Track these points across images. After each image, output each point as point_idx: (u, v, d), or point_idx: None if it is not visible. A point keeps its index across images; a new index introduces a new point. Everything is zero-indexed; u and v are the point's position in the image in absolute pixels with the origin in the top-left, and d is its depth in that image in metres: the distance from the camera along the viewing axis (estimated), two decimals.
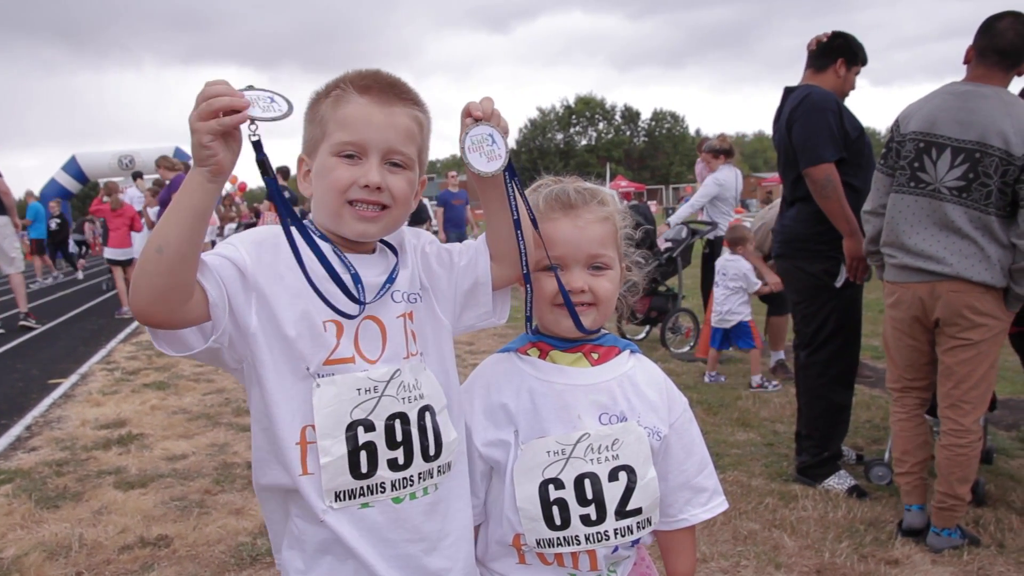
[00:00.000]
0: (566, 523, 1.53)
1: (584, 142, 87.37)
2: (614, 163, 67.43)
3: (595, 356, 1.63)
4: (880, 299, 9.85)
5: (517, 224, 1.52)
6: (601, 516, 1.53)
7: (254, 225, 19.60)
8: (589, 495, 1.53)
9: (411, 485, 1.47)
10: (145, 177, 16.91)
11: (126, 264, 12.05)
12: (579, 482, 1.53)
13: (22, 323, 10.65)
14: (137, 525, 3.81)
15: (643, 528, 1.58)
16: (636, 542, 1.60)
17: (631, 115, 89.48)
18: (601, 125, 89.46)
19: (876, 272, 3.77)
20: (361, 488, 1.43)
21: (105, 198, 12.36)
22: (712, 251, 8.35)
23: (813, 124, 4.08)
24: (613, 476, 1.54)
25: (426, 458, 1.48)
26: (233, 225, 20.01)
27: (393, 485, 1.45)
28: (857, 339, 4.32)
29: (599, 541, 1.54)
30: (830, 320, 4.22)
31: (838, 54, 4.31)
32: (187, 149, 10.21)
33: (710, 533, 3.62)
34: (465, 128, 1.45)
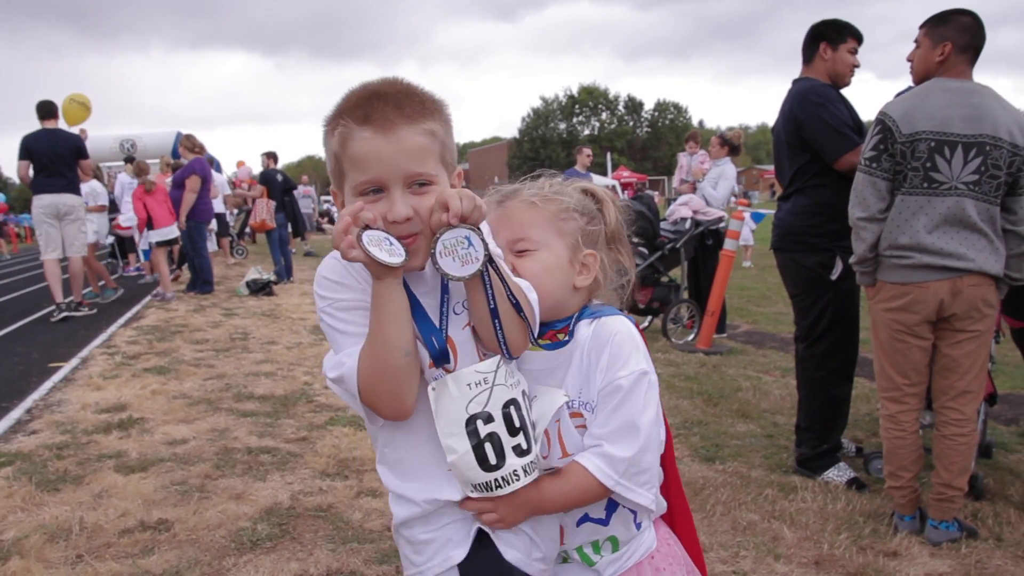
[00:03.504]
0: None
1: (587, 132, 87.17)
2: (616, 153, 67.25)
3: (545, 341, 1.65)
4: None
5: (494, 313, 1.47)
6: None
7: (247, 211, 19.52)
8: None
9: (535, 471, 1.54)
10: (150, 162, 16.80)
11: (172, 244, 12.09)
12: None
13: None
14: (137, 509, 3.81)
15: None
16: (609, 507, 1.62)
17: (634, 105, 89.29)
18: (604, 115, 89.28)
19: (864, 279, 3.66)
20: (496, 480, 1.49)
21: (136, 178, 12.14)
22: (716, 242, 8.35)
23: (822, 117, 4.08)
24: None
25: (535, 439, 1.55)
26: (235, 211, 19.98)
27: (524, 471, 1.50)
28: (855, 331, 4.32)
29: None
30: (827, 313, 4.22)
31: (818, 40, 4.31)
32: (187, 132, 10.13)
33: (709, 524, 3.63)
34: (438, 229, 1.40)
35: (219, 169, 19.03)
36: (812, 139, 4.15)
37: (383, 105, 1.44)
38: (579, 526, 1.64)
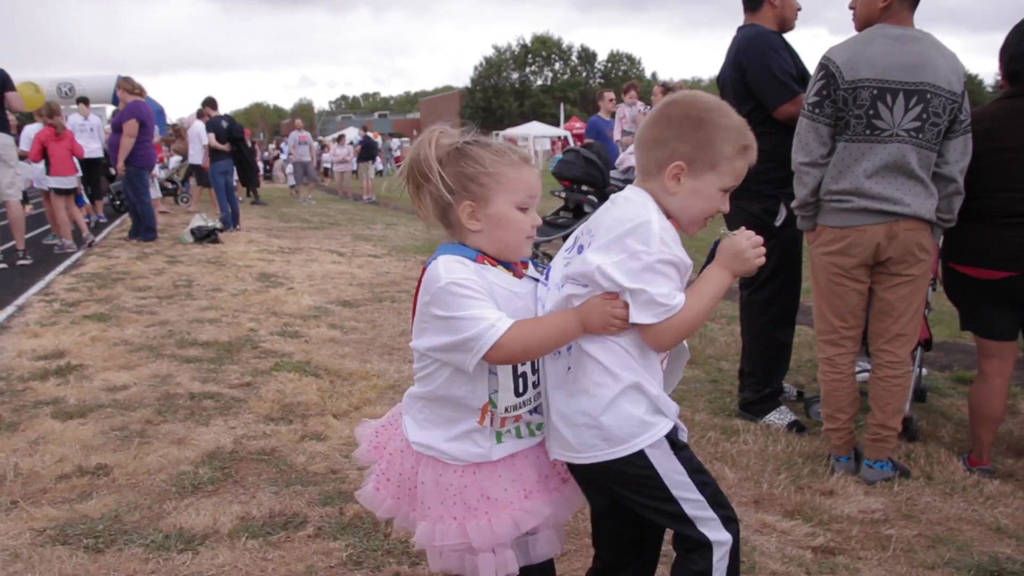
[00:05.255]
0: (525, 390, 1.95)
1: (540, 82, 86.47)
2: (569, 104, 66.91)
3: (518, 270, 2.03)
4: None
5: None
6: (538, 381, 2.00)
7: (199, 169, 18.99)
8: (536, 366, 1.99)
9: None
10: (92, 105, 16.17)
11: (70, 193, 11.33)
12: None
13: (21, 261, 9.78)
14: (75, 455, 3.74)
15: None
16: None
17: (588, 56, 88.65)
18: (557, 65, 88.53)
19: (804, 223, 3.69)
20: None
21: (43, 120, 11.20)
22: None
23: (766, 66, 4.07)
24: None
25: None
26: (178, 158, 19.41)
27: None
28: (798, 278, 4.38)
29: (538, 400, 2.00)
30: (770, 259, 4.21)
31: None
32: (128, 75, 9.77)
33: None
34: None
35: (163, 117, 18.46)
36: (755, 87, 4.14)
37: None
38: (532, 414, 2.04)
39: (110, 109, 20.12)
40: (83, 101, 14.99)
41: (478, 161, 1.89)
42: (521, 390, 1.93)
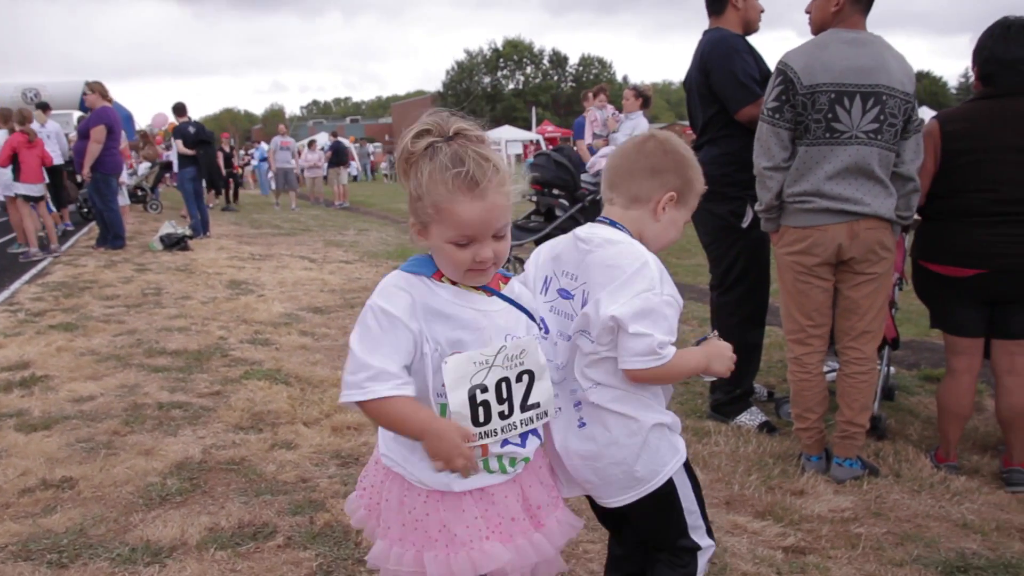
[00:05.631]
0: (488, 419, 1.79)
1: (511, 86, 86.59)
2: (541, 108, 67.06)
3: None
4: None
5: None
6: (511, 410, 1.82)
7: (169, 165, 18.85)
8: (504, 395, 1.81)
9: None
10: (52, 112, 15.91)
11: (37, 200, 11.23)
12: (498, 385, 1.79)
13: None
14: (39, 467, 3.67)
15: (540, 419, 1.88)
16: (526, 436, 1.86)
17: (559, 60, 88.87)
18: (529, 69, 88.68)
19: (768, 224, 3.73)
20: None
21: (16, 127, 11.07)
22: None
23: (729, 69, 4.11)
24: (519, 378, 1.82)
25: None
26: (148, 164, 19.21)
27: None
28: (766, 279, 4.41)
29: (509, 431, 1.82)
30: (739, 261, 4.30)
31: None
32: (94, 80, 9.57)
33: None
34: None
35: (132, 123, 18.25)
36: (718, 90, 4.19)
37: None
38: (503, 447, 1.85)
39: (76, 115, 19.85)
40: (42, 107, 14.76)
41: (418, 177, 1.68)
42: (482, 419, 1.78)
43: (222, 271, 9.77)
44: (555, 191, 8.40)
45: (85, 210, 15.82)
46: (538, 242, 8.40)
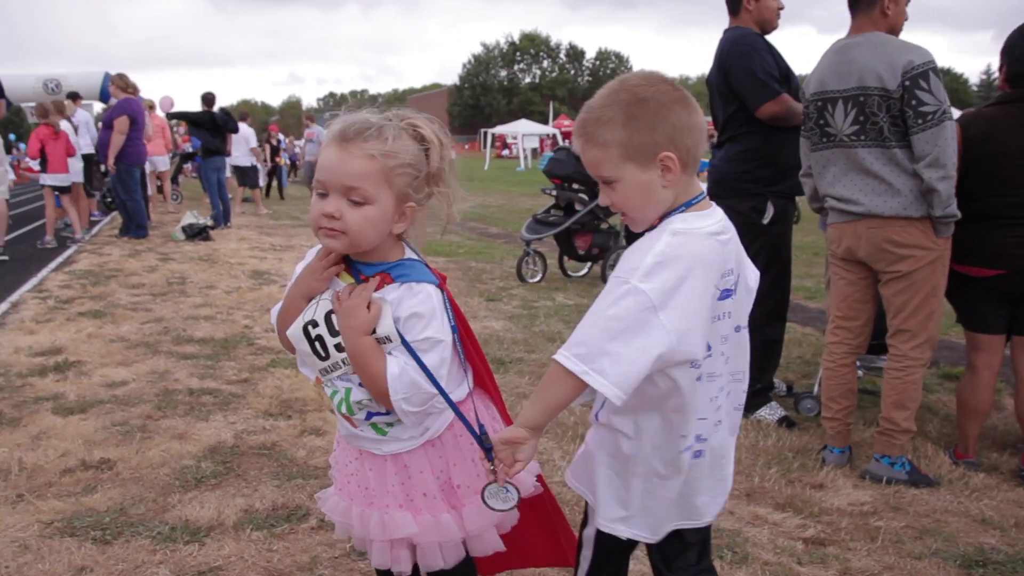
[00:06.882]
0: (327, 354, 1.80)
1: (528, 80, 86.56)
2: (557, 102, 66.98)
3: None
4: (814, 242, 10.08)
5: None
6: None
7: (190, 156, 19.00)
8: (336, 327, 1.78)
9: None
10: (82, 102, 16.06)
11: (65, 191, 11.49)
12: (327, 318, 1.78)
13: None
14: (78, 449, 3.78)
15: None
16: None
17: (576, 54, 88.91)
18: (545, 63, 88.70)
19: (821, 225, 3.97)
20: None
21: (39, 120, 11.35)
22: None
23: (748, 67, 4.19)
24: None
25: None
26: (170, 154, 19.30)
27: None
28: (787, 275, 4.46)
29: (348, 364, 1.78)
30: (760, 256, 4.32)
31: None
32: (118, 71, 9.66)
33: None
34: (488, 481, 1.73)
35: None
36: (737, 88, 4.25)
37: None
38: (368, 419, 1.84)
39: (97, 106, 20.00)
40: (72, 97, 14.89)
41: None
42: (323, 354, 1.82)
43: (244, 261, 9.89)
44: (575, 185, 8.45)
45: (109, 199, 15.99)
46: (557, 236, 8.45)
